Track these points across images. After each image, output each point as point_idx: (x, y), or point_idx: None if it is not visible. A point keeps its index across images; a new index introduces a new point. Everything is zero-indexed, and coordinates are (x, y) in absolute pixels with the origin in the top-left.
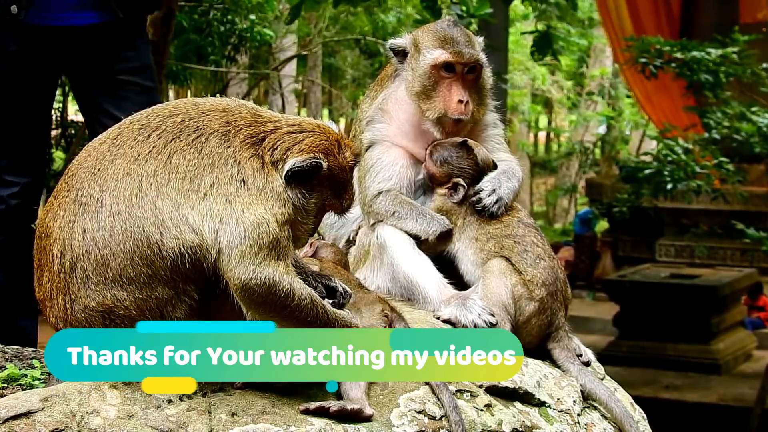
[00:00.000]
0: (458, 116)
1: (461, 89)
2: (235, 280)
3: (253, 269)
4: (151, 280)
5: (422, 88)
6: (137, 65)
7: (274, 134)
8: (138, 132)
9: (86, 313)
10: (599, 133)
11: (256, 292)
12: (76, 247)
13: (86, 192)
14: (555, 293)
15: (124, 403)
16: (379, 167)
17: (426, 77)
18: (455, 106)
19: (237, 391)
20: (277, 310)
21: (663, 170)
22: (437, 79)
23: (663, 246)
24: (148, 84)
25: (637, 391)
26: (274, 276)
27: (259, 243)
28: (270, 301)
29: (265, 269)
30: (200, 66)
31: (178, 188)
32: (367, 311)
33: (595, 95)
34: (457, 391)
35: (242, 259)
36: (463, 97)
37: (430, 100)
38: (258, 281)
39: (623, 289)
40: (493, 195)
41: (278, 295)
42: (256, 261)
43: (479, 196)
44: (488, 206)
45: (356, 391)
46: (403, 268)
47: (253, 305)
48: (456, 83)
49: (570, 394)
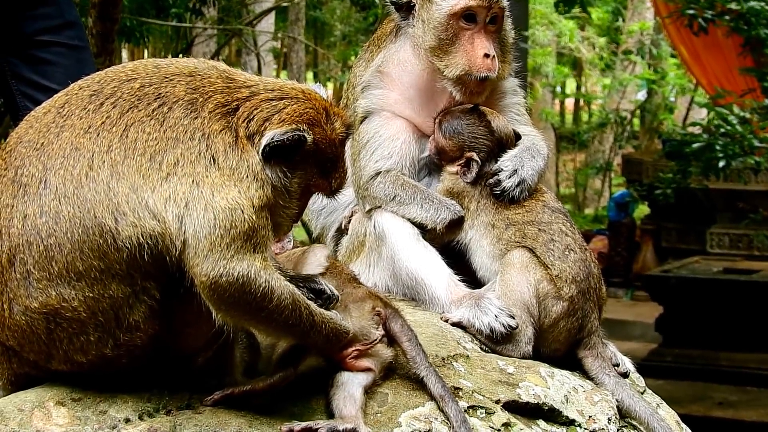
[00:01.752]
0: (485, 73)
1: (485, 41)
2: (203, 276)
3: (224, 264)
4: (104, 275)
5: (438, 42)
6: (59, 22)
7: (250, 102)
8: (89, 99)
9: (27, 316)
10: (638, 100)
11: (227, 292)
12: (15, 237)
13: (27, 171)
14: (587, 291)
15: (74, 422)
16: (376, 142)
17: (442, 29)
18: (480, 62)
19: (207, 409)
20: (252, 312)
21: (714, 144)
22: (456, 31)
23: (715, 235)
24: (75, 43)
25: (685, 408)
26: (249, 272)
27: (231, 233)
28: (244, 301)
29: (238, 264)
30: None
31: (136, 167)
32: (356, 310)
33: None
34: (470, 407)
35: (211, 252)
36: (489, 51)
37: (449, 56)
38: (230, 278)
39: (667, 286)
40: (514, 176)
41: (254, 295)
42: (228, 254)
43: (498, 178)
44: (508, 190)
45: (350, 408)
46: (405, 263)
47: (223, 307)
48: (478, 35)
49: (604, 410)
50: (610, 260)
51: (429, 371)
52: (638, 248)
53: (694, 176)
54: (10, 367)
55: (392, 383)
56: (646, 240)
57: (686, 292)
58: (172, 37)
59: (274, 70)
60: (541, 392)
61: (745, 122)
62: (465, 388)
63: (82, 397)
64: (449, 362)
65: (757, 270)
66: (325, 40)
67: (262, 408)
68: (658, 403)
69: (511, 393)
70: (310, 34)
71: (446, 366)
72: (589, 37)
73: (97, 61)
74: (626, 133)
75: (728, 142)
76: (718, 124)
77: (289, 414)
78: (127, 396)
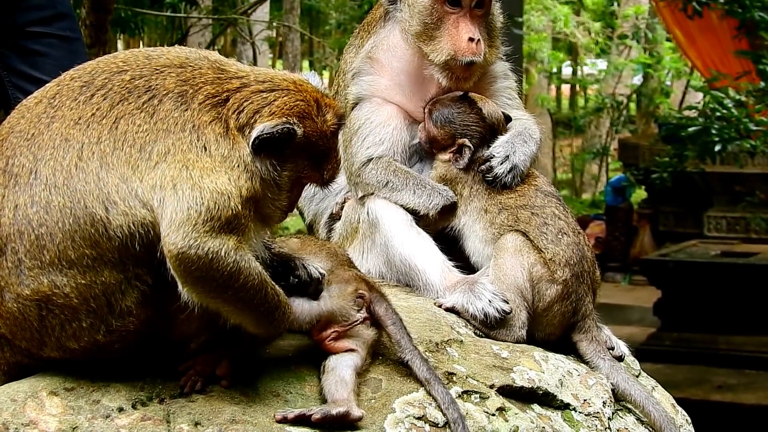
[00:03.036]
0: (470, 58)
1: (470, 25)
2: (171, 245)
3: (195, 236)
4: (96, 263)
5: (423, 27)
6: (51, 13)
7: (240, 93)
8: (79, 91)
9: (19, 303)
10: (634, 85)
11: (194, 264)
12: (6, 226)
13: (18, 161)
14: (581, 275)
15: (67, 412)
16: (368, 129)
17: (427, 13)
18: (465, 46)
19: (200, 397)
20: (218, 290)
21: (710, 128)
22: (441, 15)
23: (712, 218)
24: (66, 34)
25: (684, 392)
26: (221, 249)
27: (212, 213)
28: (210, 277)
29: (210, 240)
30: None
31: (126, 158)
32: (337, 290)
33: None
34: (464, 392)
35: (185, 223)
36: (474, 35)
37: (434, 41)
38: (199, 251)
39: (665, 270)
40: (506, 162)
41: (221, 272)
42: (202, 230)
43: (490, 164)
44: (501, 176)
45: (342, 391)
46: (399, 250)
47: (189, 280)
48: (464, 19)
49: (599, 394)
50: (608, 245)
51: (414, 355)
52: (636, 233)
53: (691, 160)
54: (3, 356)
55: (385, 369)
56: (643, 224)
57: (684, 276)
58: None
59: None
60: (535, 376)
61: (741, 105)
62: (459, 373)
63: (75, 387)
64: (443, 347)
65: (755, 253)
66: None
67: (255, 395)
68: (653, 387)
69: (506, 377)
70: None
71: (440, 351)
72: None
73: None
74: (622, 117)
75: (724, 125)
76: (714, 108)
77: (282, 401)
78: (120, 385)
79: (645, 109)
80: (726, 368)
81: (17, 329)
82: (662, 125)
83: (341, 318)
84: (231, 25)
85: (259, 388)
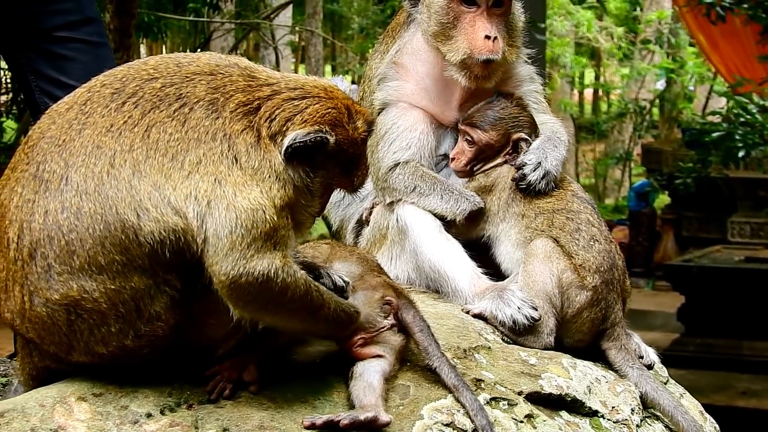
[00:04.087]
0: (487, 56)
1: (487, 23)
2: (222, 276)
3: (243, 264)
4: (126, 268)
5: (440, 27)
6: (78, 18)
7: (272, 101)
8: (110, 98)
9: (48, 308)
10: (657, 90)
11: (246, 290)
12: (37, 231)
13: (49, 167)
14: (611, 282)
15: (95, 417)
16: (394, 134)
17: (444, 13)
18: (481, 44)
19: (229, 403)
20: (269, 307)
21: (734, 133)
22: (457, 14)
23: (736, 224)
24: (94, 39)
25: (708, 398)
26: (269, 270)
27: (252, 233)
28: (262, 298)
29: (258, 263)
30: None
31: (158, 166)
32: (364, 297)
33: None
34: (492, 399)
35: (231, 251)
36: (490, 32)
37: (451, 41)
38: (249, 278)
39: (689, 276)
40: (539, 169)
41: (272, 291)
42: (248, 254)
43: (523, 172)
44: (534, 183)
45: (370, 397)
46: (428, 256)
47: (241, 303)
48: (480, 17)
49: (627, 401)
50: (631, 250)
51: (441, 361)
52: (659, 238)
53: (714, 165)
54: (31, 361)
55: (413, 375)
56: (666, 230)
57: (708, 282)
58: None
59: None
60: (563, 383)
61: (765, 111)
62: (487, 379)
63: (103, 392)
64: (471, 354)
65: None
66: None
67: (283, 401)
68: (681, 393)
69: (534, 384)
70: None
71: (468, 358)
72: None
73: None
74: (645, 122)
75: (748, 131)
76: (738, 113)
77: (311, 407)
78: (149, 390)
79: (668, 114)
80: (750, 374)
81: (46, 334)
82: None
83: (368, 324)
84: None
85: (287, 394)
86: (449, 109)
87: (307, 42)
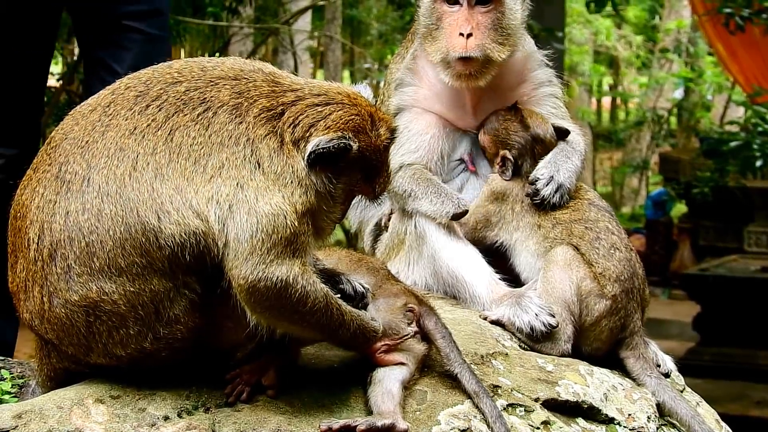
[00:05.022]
0: (460, 53)
1: (464, 21)
2: (241, 279)
3: (263, 269)
4: (146, 271)
5: (427, 29)
6: (146, 9)
7: (295, 107)
8: (134, 101)
9: (67, 309)
10: (675, 99)
11: (264, 296)
12: (57, 232)
13: (71, 168)
14: (631, 291)
15: (112, 420)
16: (404, 137)
17: (428, 14)
18: (455, 41)
19: (246, 407)
20: (287, 314)
21: (752, 143)
22: (440, 15)
23: (753, 234)
24: (154, 32)
25: (723, 407)
26: (288, 277)
27: (273, 238)
28: (279, 305)
29: (278, 269)
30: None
31: (181, 170)
32: (387, 305)
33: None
34: (509, 405)
35: (251, 255)
36: (465, 30)
37: (435, 41)
38: (268, 283)
39: (705, 285)
40: (551, 183)
41: (290, 299)
42: (268, 259)
43: (535, 187)
44: (548, 197)
45: (388, 403)
46: (446, 262)
47: (258, 309)
48: (461, 15)
49: (644, 408)
50: (648, 259)
51: (463, 368)
52: (675, 247)
53: (732, 174)
54: (49, 362)
55: (431, 381)
56: (683, 238)
57: (724, 291)
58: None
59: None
60: (580, 390)
61: None
62: (504, 386)
63: (121, 395)
64: (488, 360)
65: None
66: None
67: (301, 406)
68: (698, 402)
69: (551, 391)
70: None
71: (485, 364)
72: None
73: None
74: (663, 131)
75: (766, 140)
76: (756, 123)
77: (328, 411)
78: (166, 393)
79: (686, 123)
80: (765, 384)
81: (64, 335)
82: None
83: (392, 332)
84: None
85: (305, 399)
86: (464, 113)
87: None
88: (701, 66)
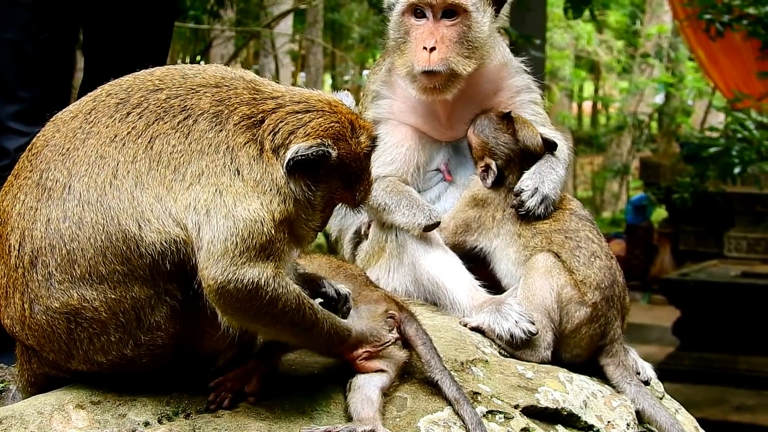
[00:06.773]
0: (423, 67)
1: (429, 35)
2: (210, 280)
3: (233, 270)
4: (127, 278)
5: (395, 42)
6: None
7: (276, 114)
8: (115, 108)
9: (48, 315)
10: (656, 104)
11: (234, 296)
12: (38, 239)
13: (52, 175)
14: (611, 299)
15: (93, 425)
16: (381, 149)
17: (396, 27)
18: (419, 55)
19: (226, 413)
20: (258, 316)
21: (732, 148)
22: (408, 28)
23: (733, 239)
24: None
25: (702, 412)
26: (260, 279)
27: (247, 242)
28: (250, 306)
29: (249, 271)
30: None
31: (161, 178)
32: (368, 311)
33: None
34: (488, 412)
35: (223, 257)
36: (428, 43)
37: (403, 55)
38: (238, 284)
39: (685, 290)
40: (536, 195)
41: (261, 301)
42: (240, 261)
43: (521, 199)
44: (533, 209)
45: (368, 410)
46: (427, 269)
47: (229, 311)
48: (426, 29)
49: (623, 415)
50: (628, 264)
51: (443, 374)
52: (656, 252)
53: (712, 180)
54: (30, 368)
55: (411, 387)
56: (663, 243)
57: (704, 296)
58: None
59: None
60: (559, 397)
61: (763, 127)
62: (484, 392)
63: (101, 400)
64: (468, 367)
65: None
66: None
67: (281, 412)
68: (677, 409)
69: (530, 398)
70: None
71: (465, 371)
72: (607, 40)
73: None
74: (644, 136)
75: (745, 146)
76: (736, 129)
77: (308, 418)
78: (147, 399)
79: (666, 128)
80: (744, 389)
81: (45, 341)
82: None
83: (373, 338)
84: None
85: (285, 405)
86: (439, 125)
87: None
88: (682, 71)
